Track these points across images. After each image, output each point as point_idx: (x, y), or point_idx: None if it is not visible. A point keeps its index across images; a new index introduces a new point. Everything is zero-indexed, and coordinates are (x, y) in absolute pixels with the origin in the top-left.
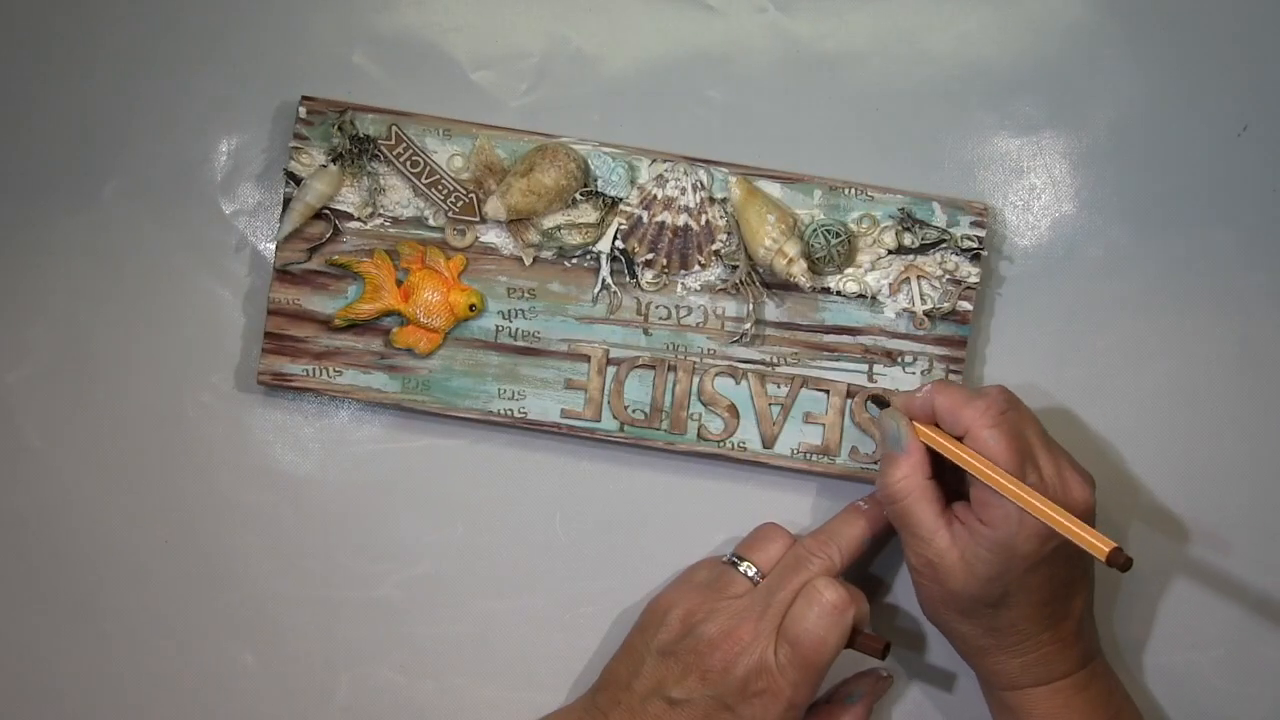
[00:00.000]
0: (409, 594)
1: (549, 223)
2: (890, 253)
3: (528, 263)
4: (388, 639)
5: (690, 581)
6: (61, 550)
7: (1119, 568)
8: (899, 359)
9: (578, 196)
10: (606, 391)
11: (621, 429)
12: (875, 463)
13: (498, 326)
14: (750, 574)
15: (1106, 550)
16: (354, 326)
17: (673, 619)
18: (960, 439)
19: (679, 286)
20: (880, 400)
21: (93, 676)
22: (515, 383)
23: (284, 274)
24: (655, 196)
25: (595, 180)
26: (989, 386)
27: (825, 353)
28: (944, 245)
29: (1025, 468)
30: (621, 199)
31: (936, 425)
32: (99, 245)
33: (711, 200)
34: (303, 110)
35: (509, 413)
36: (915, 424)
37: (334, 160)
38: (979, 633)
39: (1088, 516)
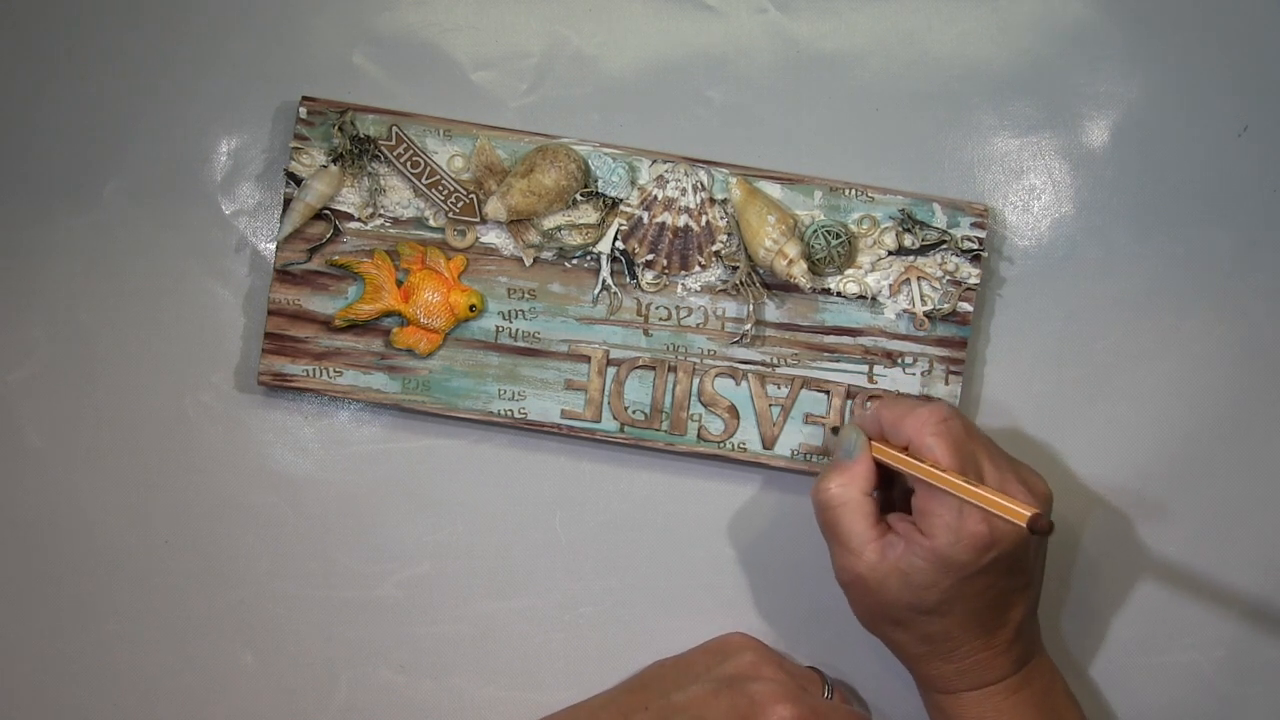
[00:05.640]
0: (409, 594)
1: (549, 223)
2: (890, 254)
3: (528, 263)
4: (388, 639)
5: (775, 656)
6: (62, 550)
7: (1042, 532)
8: (899, 360)
9: (578, 197)
10: (607, 392)
11: (622, 430)
12: None
13: (498, 327)
14: (827, 694)
15: (1027, 515)
16: (354, 327)
17: (747, 658)
18: (905, 450)
19: (679, 287)
20: (837, 429)
21: (93, 676)
22: (515, 383)
23: (284, 274)
24: (656, 197)
25: (595, 181)
26: (934, 401)
27: (825, 354)
28: (944, 246)
29: (966, 474)
30: (622, 200)
31: (886, 441)
32: (99, 245)
33: (712, 201)
34: (303, 110)
35: (509, 413)
36: (871, 441)
37: (334, 160)
38: (912, 640)
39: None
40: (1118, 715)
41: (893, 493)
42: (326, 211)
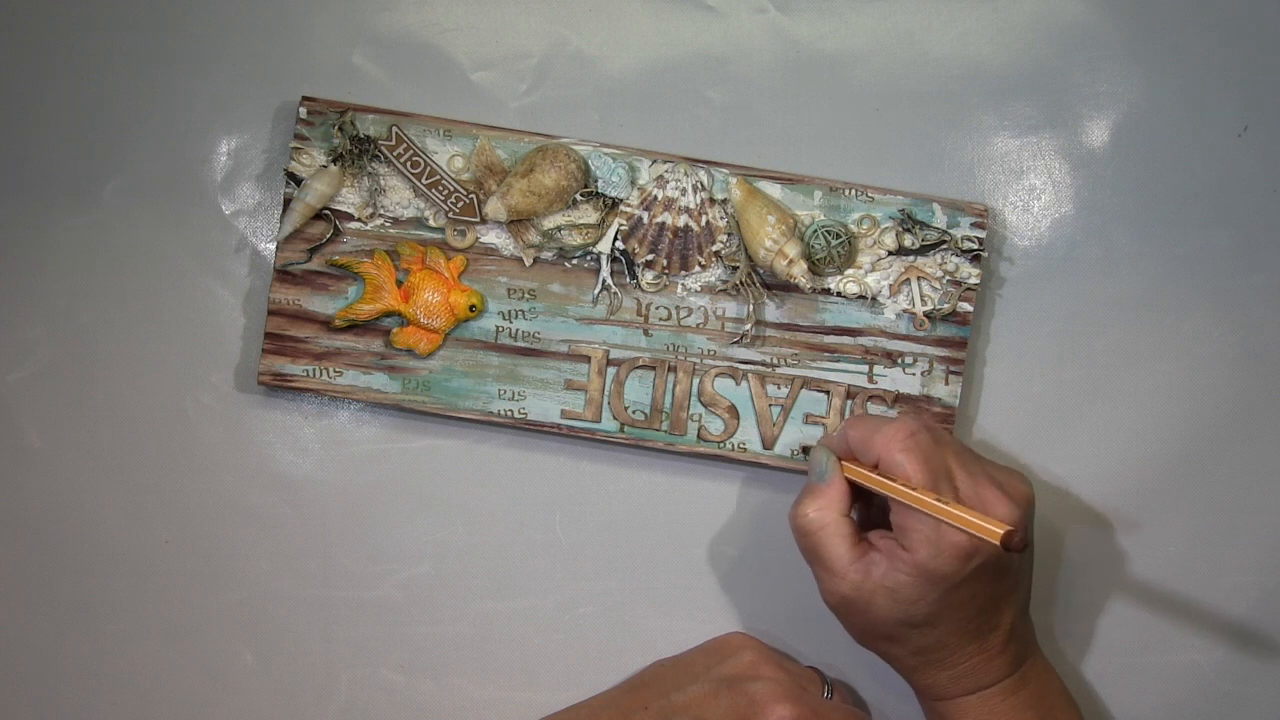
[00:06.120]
0: (409, 594)
1: (549, 223)
2: (890, 254)
3: (528, 263)
4: (388, 639)
5: (774, 655)
6: (61, 550)
7: (1015, 549)
8: (899, 360)
9: (578, 197)
10: (606, 392)
11: (622, 430)
12: None
13: (498, 327)
14: (826, 694)
15: (1000, 534)
16: (354, 327)
17: (746, 658)
18: (875, 469)
19: (679, 287)
20: (807, 448)
21: (93, 676)
22: (515, 383)
23: (284, 274)
24: (656, 197)
25: (595, 181)
26: (901, 417)
27: (825, 354)
28: (944, 246)
29: (939, 487)
30: (622, 200)
31: (856, 460)
32: (99, 245)
33: (712, 201)
34: (303, 110)
35: (509, 413)
36: (841, 461)
37: (334, 160)
38: (906, 653)
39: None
40: (1117, 715)
41: (870, 509)
42: (326, 211)
